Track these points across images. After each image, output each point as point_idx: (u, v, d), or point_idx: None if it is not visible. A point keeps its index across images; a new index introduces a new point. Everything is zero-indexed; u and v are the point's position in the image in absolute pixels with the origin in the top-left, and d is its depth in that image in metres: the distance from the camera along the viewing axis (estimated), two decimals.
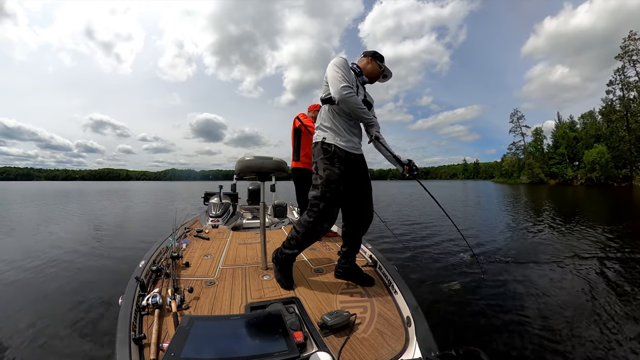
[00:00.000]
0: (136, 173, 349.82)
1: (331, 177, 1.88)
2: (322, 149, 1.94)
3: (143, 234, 6.48)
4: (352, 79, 1.94)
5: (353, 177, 2.01)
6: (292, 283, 1.99)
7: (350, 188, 2.03)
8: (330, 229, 2.06)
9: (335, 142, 1.91)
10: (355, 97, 1.82)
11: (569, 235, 6.11)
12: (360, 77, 2.09)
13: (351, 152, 1.96)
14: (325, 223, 1.93)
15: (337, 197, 1.91)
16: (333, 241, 3.19)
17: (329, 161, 1.90)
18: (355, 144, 2.01)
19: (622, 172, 37.18)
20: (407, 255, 4.60)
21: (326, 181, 1.88)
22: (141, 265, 2.02)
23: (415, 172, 2.11)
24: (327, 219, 1.92)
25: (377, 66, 2.11)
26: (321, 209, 1.88)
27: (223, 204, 4.35)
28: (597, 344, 2.17)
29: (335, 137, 1.93)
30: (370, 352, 1.33)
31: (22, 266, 4.03)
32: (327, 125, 1.97)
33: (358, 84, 2.03)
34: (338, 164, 1.89)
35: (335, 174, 1.88)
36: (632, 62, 37.62)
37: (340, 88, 1.78)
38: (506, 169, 59.45)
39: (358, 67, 2.09)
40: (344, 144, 1.93)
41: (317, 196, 1.90)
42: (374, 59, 2.11)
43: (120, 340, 1.23)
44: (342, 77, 1.81)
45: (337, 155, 1.90)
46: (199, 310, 1.64)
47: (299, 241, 1.99)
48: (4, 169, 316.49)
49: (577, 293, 3.10)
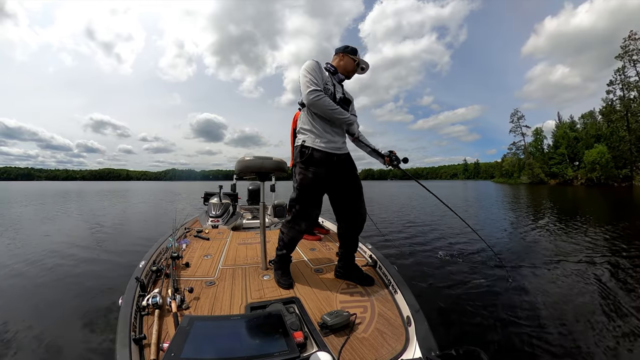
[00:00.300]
0: (137, 173, 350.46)
1: (304, 182, 1.95)
2: (300, 153, 1.98)
3: (143, 235, 6.47)
4: (325, 79, 1.96)
5: (339, 177, 2.03)
6: (291, 283, 2.00)
7: (339, 188, 2.06)
8: (309, 228, 2.13)
9: (314, 144, 1.93)
10: (324, 100, 1.84)
11: (570, 235, 6.10)
12: (336, 75, 2.11)
13: (333, 153, 1.97)
14: (303, 223, 2.04)
15: (311, 199, 1.99)
16: (333, 241, 3.19)
17: (303, 165, 1.95)
18: (337, 144, 2.01)
19: (623, 172, 37.16)
20: (406, 255, 4.59)
21: (299, 185, 1.97)
22: (141, 266, 2.02)
23: (395, 163, 2.13)
24: (305, 219, 2.04)
25: (351, 60, 2.12)
26: (297, 210, 2.03)
27: (223, 204, 4.35)
28: (599, 344, 2.16)
29: (315, 139, 1.94)
30: (371, 351, 1.33)
31: (22, 267, 4.03)
32: (306, 128, 1.98)
33: (334, 83, 2.05)
34: (313, 167, 1.92)
35: (309, 178, 1.93)
36: (632, 62, 37.62)
37: (307, 93, 1.83)
38: (506, 169, 59.43)
39: (332, 66, 2.11)
40: (324, 145, 1.94)
41: (293, 198, 2.06)
42: (345, 54, 2.12)
43: (120, 340, 1.24)
44: (310, 81, 1.84)
45: (314, 158, 1.92)
46: (199, 311, 1.65)
47: (285, 242, 2.09)
48: (5, 169, 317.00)
49: (579, 293, 3.09)
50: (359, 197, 2.11)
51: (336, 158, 1.98)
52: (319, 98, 1.82)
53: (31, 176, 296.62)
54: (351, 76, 2.18)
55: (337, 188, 2.05)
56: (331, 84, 1.99)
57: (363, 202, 2.13)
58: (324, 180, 1.95)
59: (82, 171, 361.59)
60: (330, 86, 1.97)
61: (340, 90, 2.08)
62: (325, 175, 1.95)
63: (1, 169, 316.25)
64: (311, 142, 1.93)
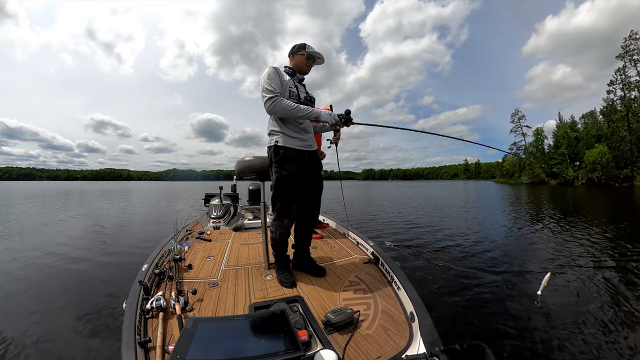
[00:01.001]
0: (138, 173, 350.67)
1: (280, 180, 2.03)
2: (274, 152, 2.04)
3: (145, 237, 6.47)
4: (286, 83, 2.03)
5: (308, 173, 2.12)
6: (293, 281, 2.02)
7: (305, 184, 2.14)
8: (291, 224, 2.17)
9: (287, 144, 2.01)
10: (280, 102, 1.90)
11: (573, 235, 6.10)
12: (295, 76, 2.17)
13: (304, 150, 2.07)
14: (286, 219, 2.10)
15: (290, 195, 2.06)
16: (334, 238, 3.21)
17: (277, 164, 2.02)
18: (307, 142, 2.10)
19: (623, 172, 37.05)
20: (408, 252, 4.60)
21: (277, 183, 2.06)
22: (144, 269, 2.02)
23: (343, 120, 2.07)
24: (286, 215, 2.10)
25: (300, 56, 2.17)
26: (279, 208, 2.10)
27: (224, 205, 4.36)
28: (602, 344, 2.17)
29: (288, 139, 2.02)
30: (375, 348, 1.34)
31: (26, 271, 4.04)
32: (277, 130, 2.05)
33: (296, 84, 2.12)
34: (288, 165, 2.01)
35: (284, 176, 2.02)
36: (633, 61, 37.55)
37: (264, 103, 1.93)
38: (507, 169, 59.36)
39: (290, 69, 2.17)
40: (296, 144, 2.03)
41: (272, 197, 2.13)
42: (294, 54, 2.19)
43: (125, 344, 1.24)
44: (265, 90, 1.92)
45: (288, 156, 2.00)
46: (203, 312, 1.65)
47: (275, 240, 2.15)
48: (7, 169, 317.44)
49: (584, 293, 3.09)
50: (318, 195, 2.26)
51: (307, 155, 2.09)
52: (275, 103, 1.89)
53: (33, 176, 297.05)
54: (307, 71, 2.22)
55: (305, 183, 2.14)
56: (293, 85, 2.07)
57: (320, 198, 2.29)
58: (298, 177, 2.04)
59: (84, 171, 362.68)
60: (293, 88, 2.05)
61: (303, 90, 2.17)
62: (299, 172, 2.04)
63: (3, 169, 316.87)
64: (284, 141, 2.01)
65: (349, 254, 2.67)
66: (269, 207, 2.35)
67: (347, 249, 2.82)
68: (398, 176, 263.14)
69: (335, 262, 2.47)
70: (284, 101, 1.91)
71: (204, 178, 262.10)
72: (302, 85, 2.21)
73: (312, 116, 1.97)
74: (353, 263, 2.43)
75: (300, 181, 2.07)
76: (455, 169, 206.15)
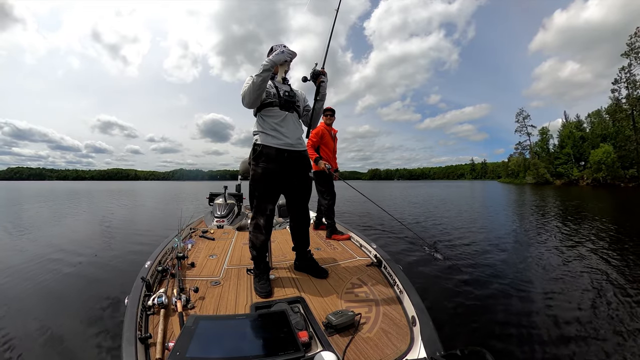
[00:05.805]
0: (144, 173, 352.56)
1: (255, 177, 2.06)
2: (252, 150, 2.09)
3: (149, 235, 6.52)
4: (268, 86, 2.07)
5: (292, 174, 2.11)
6: (268, 291, 1.90)
7: (291, 184, 2.15)
8: (267, 225, 2.12)
9: (264, 142, 2.03)
10: (247, 89, 1.95)
11: (576, 238, 6.05)
12: (274, 79, 2.18)
13: (284, 149, 2.05)
14: (262, 218, 2.09)
15: (264, 193, 2.07)
16: (337, 240, 3.20)
17: (254, 161, 2.07)
18: (289, 141, 2.08)
19: (629, 173, 36.52)
20: (412, 255, 4.58)
21: (251, 180, 2.09)
22: (147, 266, 2.04)
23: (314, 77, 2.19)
24: (261, 214, 2.08)
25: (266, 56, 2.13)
26: (255, 206, 2.10)
27: (228, 205, 4.38)
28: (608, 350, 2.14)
29: (266, 137, 2.05)
30: (375, 351, 1.33)
31: (30, 266, 4.09)
32: (258, 130, 2.09)
33: (275, 85, 2.13)
34: (263, 163, 2.03)
35: (258, 173, 2.04)
36: (638, 59, 36.96)
37: (242, 101, 2.01)
38: (512, 169, 58.92)
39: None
40: (274, 142, 2.04)
41: (249, 195, 2.14)
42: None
43: (126, 339, 1.25)
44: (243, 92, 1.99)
45: (264, 154, 2.02)
46: (205, 310, 1.66)
47: (252, 241, 2.11)
48: (17, 169, 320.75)
49: (589, 296, 3.06)
50: (305, 198, 2.26)
51: (287, 154, 2.07)
52: (245, 94, 1.96)
53: (43, 176, 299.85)
54: (279, 70, 2.19)
55: (290, 183, 2.14)
56: (272, 86, 2.11)
57: (308, 200, 2.30)
58: (274, 175, 2.04)
59: (91, 171, 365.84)
60: (272, 89, 2.09)
61: (283, 88, 2.17)
62: (277, 171, 2.03)
63: (14, 169, 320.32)
64: (262, 140, 2.05)
65: (351, 256, 2.66)
66: None
67: (350, 251, 2.81)
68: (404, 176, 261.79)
69: (338, 264, 2.46)
70: (247, 86, 1.96)
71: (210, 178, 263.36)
72: (286, 85, 2.22)
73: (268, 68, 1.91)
74: (356, 265, 2.42)
75: (277, 180, 2.06)
76: (462, 168, 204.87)
